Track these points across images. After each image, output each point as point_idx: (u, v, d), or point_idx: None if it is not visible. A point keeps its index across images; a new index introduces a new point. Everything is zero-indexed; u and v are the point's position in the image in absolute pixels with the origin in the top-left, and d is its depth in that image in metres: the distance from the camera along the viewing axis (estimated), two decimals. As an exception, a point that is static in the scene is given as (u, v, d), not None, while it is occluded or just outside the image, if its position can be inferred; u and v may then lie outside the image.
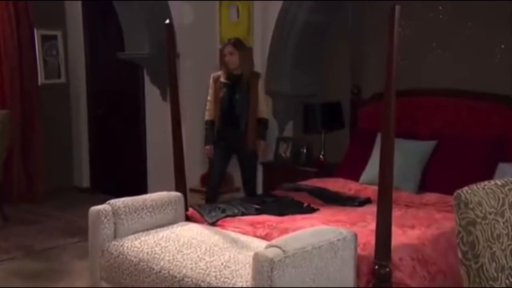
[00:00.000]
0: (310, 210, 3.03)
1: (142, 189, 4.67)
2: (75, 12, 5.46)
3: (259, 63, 4.27)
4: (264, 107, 3.87)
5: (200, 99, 4.47)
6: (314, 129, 4.14)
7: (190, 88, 4.37)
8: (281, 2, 4.03)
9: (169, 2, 4.32)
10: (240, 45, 3.76)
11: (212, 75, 3.86)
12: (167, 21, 2.91)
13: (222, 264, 2.23)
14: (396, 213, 2.52)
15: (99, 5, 5.15)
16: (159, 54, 4.32)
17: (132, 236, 2.66)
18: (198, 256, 2.34)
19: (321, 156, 4.11)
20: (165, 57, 4.18)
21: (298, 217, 2.86)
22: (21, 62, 5.05)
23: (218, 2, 4.36)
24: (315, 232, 2.21)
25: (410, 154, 3.30)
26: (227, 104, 3.76)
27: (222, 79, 3.80)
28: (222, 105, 3.77)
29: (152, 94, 4.73)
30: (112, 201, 2.76)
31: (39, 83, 5.31)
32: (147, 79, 4.72)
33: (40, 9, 5.20)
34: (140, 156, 4.99)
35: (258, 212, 2.95)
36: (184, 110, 3.48)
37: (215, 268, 2.20)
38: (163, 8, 4.27)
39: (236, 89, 3.74)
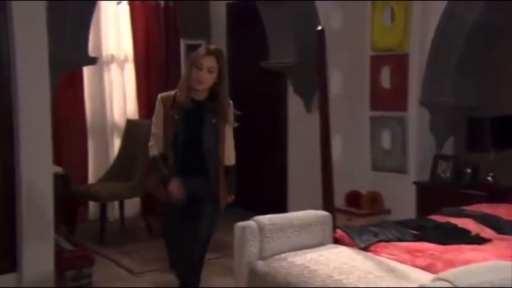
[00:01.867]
0: (480, 240, 2.84)
1: (282, 206, 4.81)
2: (220, 21, 5.82)
3: (416, 70, 4.14)
4: (233, 149, 2.99)
5: (347, 111, 4.49)
6: (481, 147, 3.88)
7: (337, 99, 4.39)
8: (445, 1, 3.87)
9: (317, 2, 4.37)
10: (223, 58, 2.86)
11: (160, 96, 2.88)
12: (320, 27, 2.98)
13: (379, 294, 2.19)
14: None
15: (244, 13, 5.43)
16: (305, 62, 4.44)
17: (279, 256, 2.74)
18: (351, 283, 2.33)
19: (489, 178, 3.84)
20: (311, 65, 4.28)
21: (466, 247, 2.70)
22: (168, 72, 5.52)
23: (370, 3, 4.33)
24: (493, 267, 2.07)
25: None
26: (186, 142, 2.79)
27: (180, 104, 2.80)
28: (177, 143, 2.80)
29: (295, 105, 4.85)
30: (258, 217, 2.88)
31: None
32: (290, 89, 4.85)
33: (186, 18, 5.63)
34: (281, 171, 5.13)
35: (416, 238, 2.85)
36: (330, 123, 3.50)
37: (371, 298, 2.17)
38: (310, 12, 4.36)
39: (198, 120, 2.80)
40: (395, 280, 2.32)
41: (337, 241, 3.03)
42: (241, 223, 2.85)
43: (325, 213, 3.07)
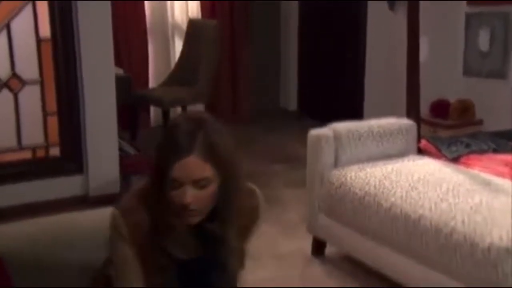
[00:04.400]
0: None
1: (356, 116, 4.72)
2: None
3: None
4: None
5: (438, 7, 4.21)
6: None
7: None
8: None
9: None
10: (221, 148, 1.31)
11: (117, 220, 1.30)
12: None
13: (470, 208, 2.14)
14: None
15: None
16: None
17: (356, 166, 2.72)
18: (438, 196, 2.29)
19: None
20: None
21: None
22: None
23: None
24: None
25: None
26: None
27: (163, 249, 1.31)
28: None
29: (376, 2, 4.62)
30: (334, 125, 2.84)
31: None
32: (370, -17, 4.62)
33: None
34: (357, 78, 5.00)
35: (516, 150, 2.75)
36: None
37: (462, 211, 2.13)
38: None
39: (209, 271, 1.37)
40: (490, 193, 2.26)
41: (421, 152, 2.97)
42: (315, 131, 2.83)
43: (409, 121, 2.99)
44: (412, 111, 3.03)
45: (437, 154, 2.84)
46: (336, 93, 5.44)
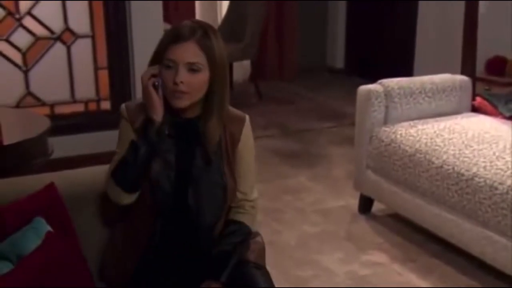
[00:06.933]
0: None
1: (406, 75, 4.58)
2: None
3: None
4: (253, 189, 1.58)
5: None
6: None
7: None
8: None
9: None
10: (215, 42, 1.44)
11: (124, 107, 1.52)
12: None
13: (528, 167, 2.07)
14: None
15: None
16: None
17: (407, 123, 2.66)
18: (494, 154, 2.22)
19: None
20: None
21: None
22: None
23: None
24: None
25: None
26: (173, 202, 1.48)
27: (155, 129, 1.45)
28: (157, 204, 1.48)
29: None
30: (385, 81, 2.77)
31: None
32: None
33: None
34: (408, 35, 4.84)
35: None
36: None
37: (519, 170, 2.06)
38: None
39: (190, 163, 1.49)
40: (548, 152, 2.17)
41: (476, 109, 2.88)
42: (365, 86, 2.76)
43: (464, 77, 2.89)
44: (467, 68, 2.92)
45: (493, 111, 2.75)
46: (386, 50, 5.29)
